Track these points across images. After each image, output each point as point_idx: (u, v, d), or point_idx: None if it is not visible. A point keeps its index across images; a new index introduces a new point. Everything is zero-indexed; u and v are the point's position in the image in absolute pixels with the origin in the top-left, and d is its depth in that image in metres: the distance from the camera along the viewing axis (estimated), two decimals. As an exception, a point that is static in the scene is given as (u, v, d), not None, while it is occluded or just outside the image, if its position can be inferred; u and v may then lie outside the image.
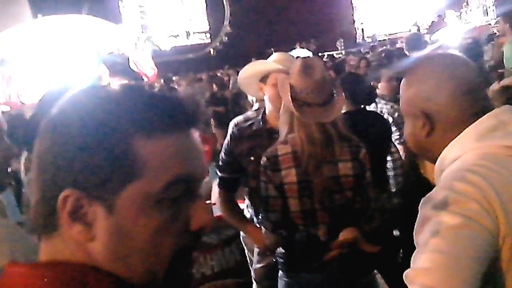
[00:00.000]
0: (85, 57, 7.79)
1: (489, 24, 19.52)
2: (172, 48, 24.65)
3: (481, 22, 21.59)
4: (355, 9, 26.96)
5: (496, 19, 19.21)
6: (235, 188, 3.53)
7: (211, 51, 25.60)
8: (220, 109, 10.17)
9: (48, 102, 2.45)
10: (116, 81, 6.28)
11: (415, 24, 23.10)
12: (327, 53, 19.92)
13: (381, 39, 23.72)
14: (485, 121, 1.58)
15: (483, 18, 22.35)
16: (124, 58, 7.97)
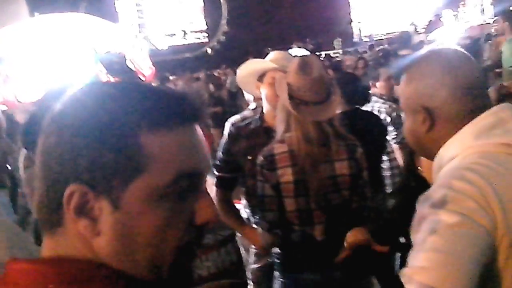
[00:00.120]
0: (82, 56, 7.79)
1: (487, 24, 19.56)
2: (169, 48, 24.67)
3: (478, 22, 21.62)
4: (352, 9, 26.98)
5: (494, 18, 19.25)
6: (232, 188, 3.52)
7: (208, 50, 25.60)
8: (218, 109, 10.19)
9: (49, 101, 2.44)
10: (113, 80, 6.27)
11: (412, 24, 23.12)
12: (325, 53, 19.93)
13: (378, 39, 23.75)
14: (484, 119, 1.57)
15: (480, 17, 22.37)
16: (121, 57, 7.95)
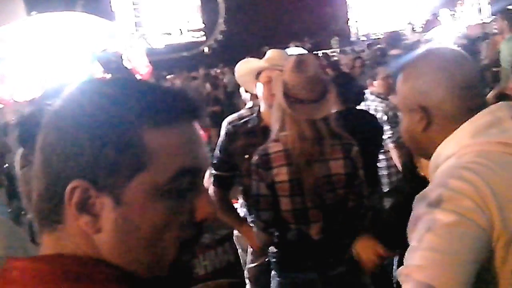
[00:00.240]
0: (79, 55, 7.79)
1: (484, 23, 19.57)
2: (166, 46, 24.63)
3: (476, 21, 21.63)
4: (350, 8, 26.98)
5: (491, 18, 19.24)
6: (230, 186, 3.51)
7: (205, 49, 25.58)
8: (216, 109, 10.19)
9: (46, 100, 2.45)
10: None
11: (410, 23, 23.12)
12: (322, 52, 19.93)
13: (376, 38, 23.75)
14: (481, 118, 1.57)
15: (478, 17, 22.37)
16: (118, 56, 7.96)
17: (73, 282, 0.85)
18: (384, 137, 4.68)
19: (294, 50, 7.74)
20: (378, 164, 4.56)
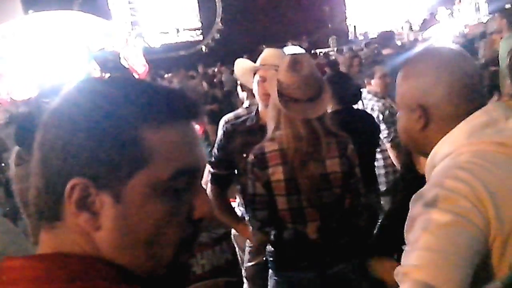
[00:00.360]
0: (76, 54, 7.77)
1: (481, 23, 19.58)
2: (163, 45, 24.59)
3: (473, 19, 21.64)
4: (347, 7, 26.98)
5: (489, 16, 19.25)
6: (227, 185, 3.50)
7: (203, 48, 25.56)
8: (214, 107, 10.18)
9: (42, 99, 2.45)
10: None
11: (407, 22, 23.12)
12: (319, 51, 19.93)
13: (373, 37, 23.75)
14: (477, 117, 1.57)
15: (475, 15, 22.38)
16: (115, 55, 7.95)
17: (72, 281, 0.85)
18: (381, 136, 4.68)
19: (292, 49, 7.74)
20: (375, 164, 4.57)
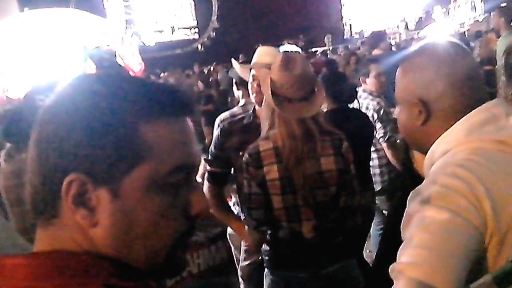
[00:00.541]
0: (72, 52, 7.76)
1: (477, 20, 19.61)
2: (158, 44, 24.56)
3: (469, 18, 21.67)
4: (343, 5, 27.01)
5: (484, 15, 19.28)
6: (224, 183, 3.49)
7: (199, 47, 25.54)
8: (209, 107, 10.16)
9: (34, 97, 2.43)
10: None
11: (403, 20, 23.16)
12: (316, 49, 19.95)
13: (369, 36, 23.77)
14: (477, 115, 1.56)
15: (471, 14, 22.42)
16: (111, 53, 7.94)
17: (70, 277, 0.85)
18: (376, 136, 4.68)
19: (288, 48, 7.74)
20: (370, 163, 4.56)
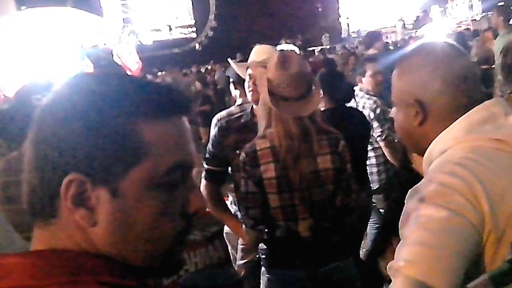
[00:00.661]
0: (69, 50, 7.76)
1: (475, 20, 19.61)
2: (155, 43, 24.54)
3: (467, 17, 21.68)
4: (341, 4, 26.99)
5: (482, 14, 19.28)
6: (222, 181, 3.49)
7: (196, 46, 25.52)
8: (206, 108, 10.15)
9: (26, 95, 2.43)
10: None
11: (400, 19, 23.15)
12: (314, 48, 19.94)
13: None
14: (476, 113, 1.56)
15: (469, 13, 22.42)
16: (108, 52, 7.94)
17: (68, 276, 0.85)
18: (374, 135, 4.68)
19: (285, 47, 7.75)
20: (367, 162, 4.57)
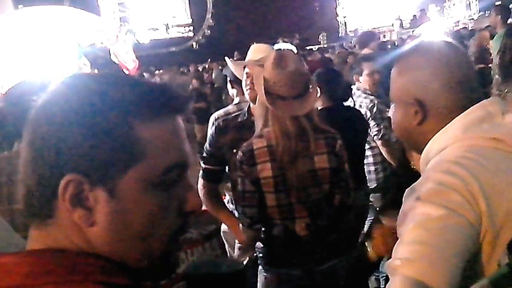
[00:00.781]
0: (66, 49, 7.75)
1: (472, 19, 19.64)
2: (153, 42, 24.50)
3: (464, 17, 21.70)
4: (338, 3, 26.98)
5: (479, 14, 19.30)
6: (219, 180, 3.49)
7: (194, 45, 25.49)
8: (201, 105, 10.12)
9: (17, 95, 2.41)
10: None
11: (398, 18, 23.16)
12: (311, 47, 19.95)
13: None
14: (473, 112, 1.56)
15: (466, 12, 22.45)
16: (105, 51, 7.93)
17: (66, 275, 0.85)
18: (371, 134, 4.68)
19: (283, 46, 7.74)
20: (365, 161, 4.57)
